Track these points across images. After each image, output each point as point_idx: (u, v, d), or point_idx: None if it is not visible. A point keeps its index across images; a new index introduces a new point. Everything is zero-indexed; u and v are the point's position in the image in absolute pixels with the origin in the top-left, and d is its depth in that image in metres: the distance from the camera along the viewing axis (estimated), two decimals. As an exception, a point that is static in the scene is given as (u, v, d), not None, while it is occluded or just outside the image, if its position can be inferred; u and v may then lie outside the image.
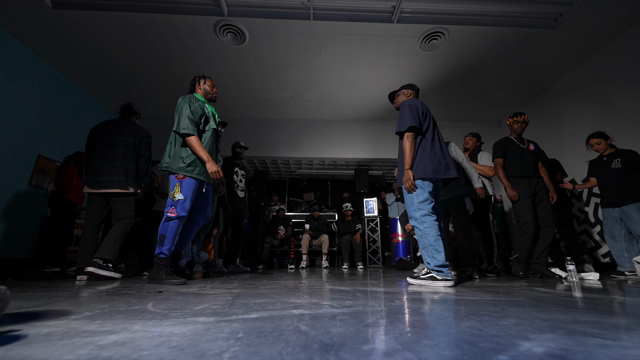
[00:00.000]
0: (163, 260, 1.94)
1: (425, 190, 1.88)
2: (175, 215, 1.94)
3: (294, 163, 7.31)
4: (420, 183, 1.89)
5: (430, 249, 1.82)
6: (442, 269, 1.78)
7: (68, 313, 0.90)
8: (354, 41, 3.79)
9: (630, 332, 0.68)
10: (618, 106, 3.62)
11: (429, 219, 1.84)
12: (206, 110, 2.17)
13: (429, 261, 1.83)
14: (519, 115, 2.77)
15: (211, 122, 2.19)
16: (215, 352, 0.53)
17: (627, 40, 3.56)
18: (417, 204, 1.89)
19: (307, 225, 5.01)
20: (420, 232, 1.87)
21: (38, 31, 3.54)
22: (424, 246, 1.85)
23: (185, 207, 1.97)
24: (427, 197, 1.88)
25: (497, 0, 3.22)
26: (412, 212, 1.92)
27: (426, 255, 1.85)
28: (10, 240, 3.56)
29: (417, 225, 1.88)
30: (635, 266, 2.50)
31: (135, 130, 2.54)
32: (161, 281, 1.86)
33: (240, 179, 3.54)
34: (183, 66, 4.28)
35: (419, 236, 1.88)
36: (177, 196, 1.95)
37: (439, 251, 1.80)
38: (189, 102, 2.07)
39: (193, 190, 2.02)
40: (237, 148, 3.58)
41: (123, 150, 2.45)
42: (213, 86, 2.35)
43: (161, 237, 1.94)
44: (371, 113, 5.69)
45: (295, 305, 1.06)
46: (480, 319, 0.81)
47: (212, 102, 2.39)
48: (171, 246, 1.98)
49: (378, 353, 0.53)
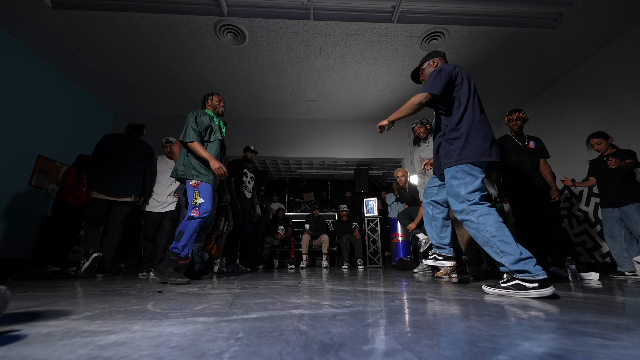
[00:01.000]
0: (175, 255, 2.02)
1: (477, 177, 1.49)
2: (198, 215, 2.08)
3: (294, 163, 7.32)
4: (468, 169, 1.50)
5: (494, 242, 1.37)
6: (522, 265, 1.29)
7: (68, 313, 0.90)
8: (354, 41, 3.79)
9: (630, 332, 0.68)
10: (618, 106, 3.61)
11: (481, 206, 1.44)
12: (212, 123, 2.34)
13: (499, 260, 1.36)
14: (514, 112, 2.70)
15: (217, 133, 2.35)
16: (215, 352, 0.53)
17: (627, 40, 3.56)
18: (464, 196, 1.49)
19: (307, 225, 5.01)
20: (474, 226, 1.45)
21: (38, 31, 3.54)
22: (485, 241, 1.41)
23: (207, 209, 2.13)
24: (478, 187, 1.48)
25: (497, 0, 3.22)
26: (457, 206, 1.52)
27: (493, 253, 1.39)
28: (10, 240, 3.56)
29: (467, 217, 1.47)
30: (635, 266, 2.49)
31: (145, 148, 3.03)
32: (166, 276, 1.92)
33: (249, 181, 3.67)
34: (183, 66, 4.28)
35: (474, 230, 1.45)
36: (198, 201, 2.12)
37: (506, 242, 1.34)
38: (195, 116, 2.27)
39: (210, 192, 2.18)
40: (248, 152, 3.75)
41: (135, 165, 2.91)
42: (220, 100, 2.51)
43: (179, 232, 2.06)
44: (371, 113, 5.69)
45: (295, 305, 1.06)
46: (480, 319, 0.81)
47: (220, 115, 2.51)
48: (186, 244, 2.06)
49: (378, 353, 0.53)
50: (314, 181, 8.57)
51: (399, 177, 3.87)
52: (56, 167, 4.19)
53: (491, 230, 1.38)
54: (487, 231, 1.39)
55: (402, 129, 5.95)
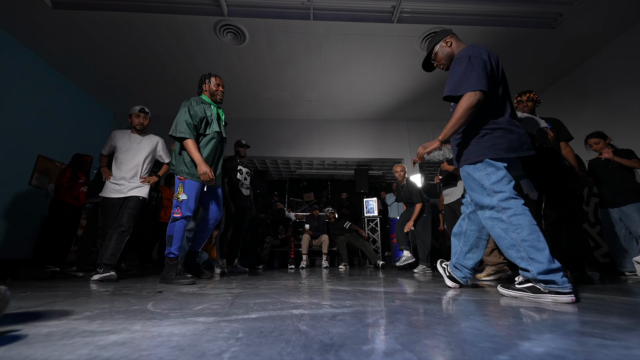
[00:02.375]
0: (172, 260, 2.00)
1: (498, 167, 1.32)
2: (181, 215, 2.01)
3: (294, 163, 7.32)
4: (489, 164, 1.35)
5: (524, 247, 1.20)
6: (550, 276, 1.14)
7: (68, 313, 0.90)
8: (354, 41, 3.79)
9: (630, 332, 0.68)
10: (618, 106, 3.61)
11: (516, 203, 1.26)
12: (208, 113, 2.14)
13: (525, 266, 1.21)
14: (524, 94, 2.30)
15: (214, 125, 2.15)
16: (215, 352, 0.53)
17: (627, 40, 3.56)
18: (489, 186, 1.31)
19: (307, 225, 5.01)
20: (503, 225, 1.26)
21: (38, 31, 3.54)
22: (512, 244, 1.24)
23: (190, 207, 2.03)
24: (503, 175, 1.31)
25: (497, 0, 3.22)
26: (483, 200, 1.33)
27: (517, 258, 1.23)
28: (10, 240, 3.56)
29: (497, 215, 1.28)
30: (635, 266, 2.49)
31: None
32: (171, 281, 1.91)
33: (245, 177, 3.54)
34: (183, 66, 4.28)
35: (502, 231, 1.27)
36: (181, 197, 2.02)
37: (538, 249, 1.18)
38: (188, 106, 2.08)
39: (196, 190, 2.07)
40: (239, 147, 3.57)
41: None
42: (218, 85, 2.24)
43: (169, 237, 2.01)
44: (371, 113, 5.69)
45: (295, 305, 1.06)
46: (480, 319, 0.81)
47: (219, 103, 2.27)
48: (179, 245, 2.03)
49: (378, 353, 0.53)
50: (314, 181, 8.58)
51: (397, 173, 3.81)
52: (56, 167, 4.19)
53: (523, 234, 1.21)
54: (517, 233, 1.22)
55: (402, 128, 5.95)
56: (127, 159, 2.45)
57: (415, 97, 5.10)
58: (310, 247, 4.79)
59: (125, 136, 2.52)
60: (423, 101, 5.24)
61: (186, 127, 2.02)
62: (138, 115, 2.58)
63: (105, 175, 2.46)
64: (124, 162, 2.44)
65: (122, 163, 2.44)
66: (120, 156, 2.45)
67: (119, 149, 2.47)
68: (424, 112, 5.68)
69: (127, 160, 2.45)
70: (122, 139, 2.50)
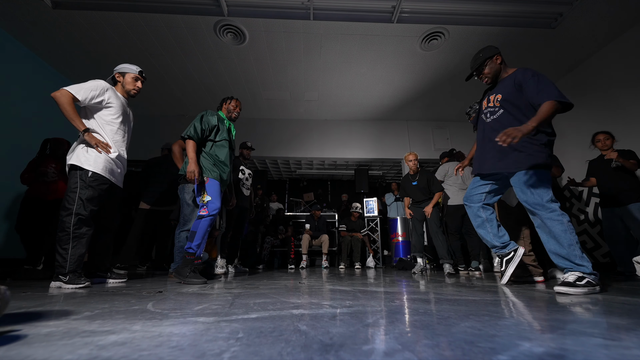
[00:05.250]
0: (190, 256, 2.02)
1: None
2: (207, 213, 2.08)
3: (294, 163, 7.32)
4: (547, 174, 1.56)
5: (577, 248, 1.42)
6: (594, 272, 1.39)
7: (68, 313, 0.90)
8: (354, 41, 3.79)
9: (630, 332, 0.68)
10: (619, 106, 3.62)
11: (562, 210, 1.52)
12: (221, 124, 2.35)
13: (579, 262, 1.40)
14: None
15: (224, 133, 2.35)
16: (215, 352, 0.53)
17: (627, 40, 3.56)
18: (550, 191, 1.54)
19: (307, 225, 5.01)
20: (563, 227, 1.45)
21: (38, 31, 3.54)
22: (570, 243, 1.43)
23: (216, 206, 2.12)
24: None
25: (497, 0, 3.22)
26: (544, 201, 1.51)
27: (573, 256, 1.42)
28: (10, 240, 3.56)
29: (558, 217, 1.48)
30: (636, 266, 2.49)
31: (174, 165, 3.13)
32: (184, 278, 1.92)
33: (247, 178, 3.60)
34: (183, 66, 4.27)
35: (562, 231, 1.45)
36: (205, 198, 2.12)
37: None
38: (203, 114, 2.28)
39: (217, 190, 2.17)
40: (243, 149, 3.66)
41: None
42: (237, 106, 2.55)
43: (192, 233, 2.06)
44: (371, 113, 5.69)
45: (295, 305, 1.06)
46: (480, 319, 0.81)
47: (233, 120, 2.55)
48: (200, 242, 2.06)
49: (378, 353, 0.53)
50: (313, 181, 8.57)
51: (411, 162, 3.46)
52: (56, 167, 4.17)
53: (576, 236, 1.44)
54: (572, 235, 1.43)
55: (402, 128, 5.95)
56: (125, 131, 1.86)
57: (415, 97, 5.10)
58: (310, 247, 4.79)
59: (119, 98, 1.90)
60: (423, 101, 5.24)
61: (193, 130, 2.19)
62: (137, 78, 2.01)
63: (102, 146, 1.74)
64: (121, 134, 1.80)
65: (119, 134, 1.76)
66: (117, 123, 1.74)
67: (113, 112, 1.76)
68: (424, 112, 5.68)
69: (125, 132, 1.87)
70: (118, 100, 1.86)
